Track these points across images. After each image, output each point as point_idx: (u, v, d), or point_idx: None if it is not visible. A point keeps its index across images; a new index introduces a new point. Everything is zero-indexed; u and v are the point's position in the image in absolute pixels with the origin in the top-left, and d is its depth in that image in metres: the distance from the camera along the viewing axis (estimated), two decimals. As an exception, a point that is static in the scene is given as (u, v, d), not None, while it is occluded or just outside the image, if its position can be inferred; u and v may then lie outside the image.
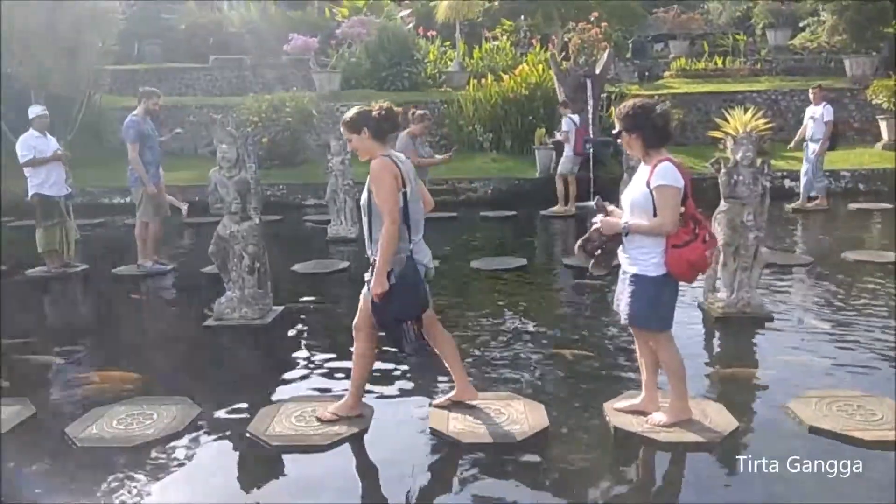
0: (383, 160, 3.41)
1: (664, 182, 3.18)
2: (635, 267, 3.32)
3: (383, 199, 3.32)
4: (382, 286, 3.31)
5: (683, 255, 3.19)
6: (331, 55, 16.62)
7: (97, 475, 3.25)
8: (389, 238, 3.30)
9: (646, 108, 3.28)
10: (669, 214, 3.18)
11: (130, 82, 17.57)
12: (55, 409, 4.09)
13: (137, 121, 6.96)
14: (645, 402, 3.60)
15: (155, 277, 7.25)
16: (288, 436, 3.49)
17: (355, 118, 3.47)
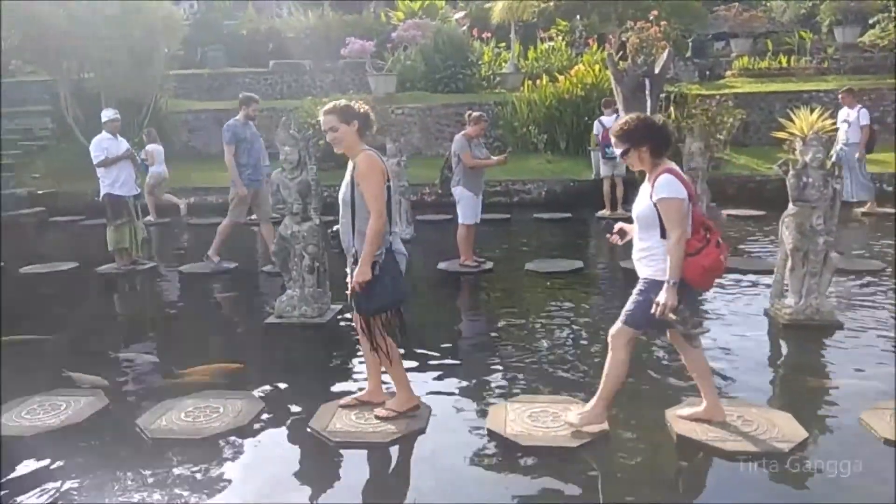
0: (371, 155, 3.50)
1: (667, 195, 3.16)
2: (648, 270, 3.31)
3: (372, 194, 3.42)
4: (365, 276, 3.41)
5: (698, 262, 3.16)
6: (386, 58, 16.82)
7: (165, 467, 3.37)
8: (377, 231, 3.40)
9: (647, 121, 3.30)
10: (679, 225, 3.14)
11: (194, 87, 18.23)
12: (129, 399, 4.25)
13: (236, 125, 7.16)
14: (707, 410, 3.51)
15: (218, 275, 7.47)
16: (348, 432, 3.55)
17: (347, 109, 3.51)
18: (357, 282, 3.43)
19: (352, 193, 3.51)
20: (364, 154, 3.50)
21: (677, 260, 3.13)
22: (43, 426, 3.72)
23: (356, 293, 3.47)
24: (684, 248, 3.15)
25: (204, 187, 12.82)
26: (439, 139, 15.10)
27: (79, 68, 14.93)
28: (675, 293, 3.14)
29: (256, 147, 7.34)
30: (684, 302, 3.20)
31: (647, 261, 3.31)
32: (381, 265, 3.47)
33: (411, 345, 5.00)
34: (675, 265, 3.14)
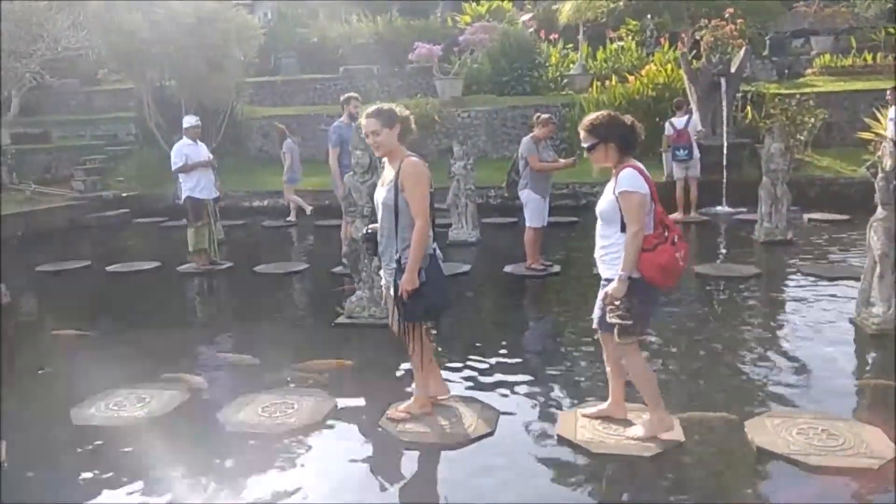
0: (418, 162, 3.50)
1: (628, 188, 3.18)
2: (611, 271, 3.29)
3: (419, 200, 3.42)
4: (413, 283, 3.40)
5: (653, 259, 3.16)
6: (453, 62, 16.90)
7: (241, 460, 3.49)
8: (423, 237, 3.40)
9: (616, 118, 3.32)
10: (636, 219, 3.15)
11: (268, 93, 18.81)
12: (212, 394, 4.42)
13: (341, 126, 7.25)
14: (612, 408, 3.56)
15: (292, 276, 7.66)
16: (418, 432, 3.58)
17: (393, 112, 3.51)
18: (405, 289, 3.42)
19: (395, 198, 3.47)
20: (411, 160, 3.49)
21: (632, 253, 3.15)
22: (129, 417, 3.92)
23: (404, 300, 3.45)
24: (640, 243, 3.15)
25: (277, 191, 13.22)
26: (505, 142, 15.06)
27: (160, 76, 15.65)
28: (624, 285, 3.16)
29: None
30: (638, 296, 3.18)
31: (609, 259, 3.30)
32: (427, 271, 3.47)
33: (481, 348, 5.03)
34: (629, 258, 3.16)
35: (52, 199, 12.81)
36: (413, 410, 3.73)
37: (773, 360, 4.57)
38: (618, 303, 3.18)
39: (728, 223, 10.06)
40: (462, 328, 5.84)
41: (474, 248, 8.74)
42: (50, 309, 7.01)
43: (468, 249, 8.67)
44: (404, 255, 3.47)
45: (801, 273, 6.87)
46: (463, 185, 9.08)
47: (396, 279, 3.48)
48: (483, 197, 11.19)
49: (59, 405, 4.13)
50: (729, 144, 11.09)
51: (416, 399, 3.78)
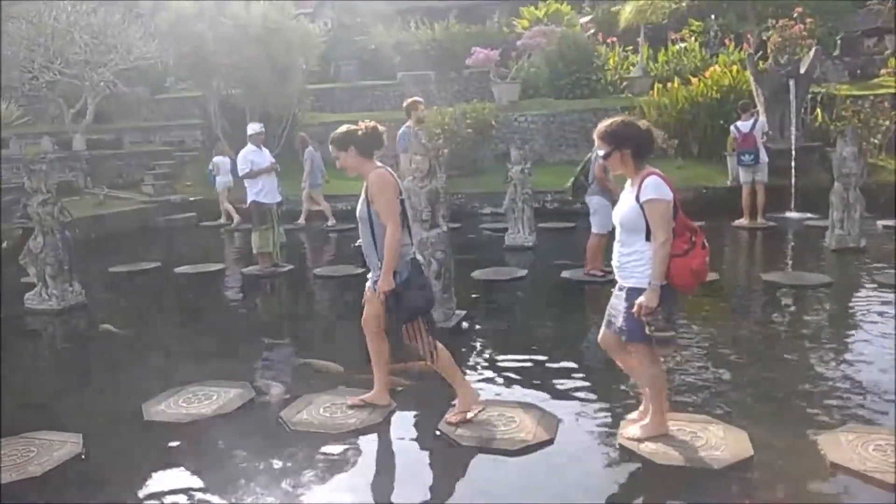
0: (381, 173, 3.69)
1: (655, 196, 3.14)
2: (632, 279, 3.25)
3: (385, 208, 3.60)
4: (389, 285, 3.60)
5: (686, 263, 3.15)
6: (510, 66, 16.87)
7: (302, 458, 3.56)
8: (395, 241, 3.58)
9: (631, 124, 3.29)
10: (664, 227, 3.13)
11: (328, 100, 19.18)
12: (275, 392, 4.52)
13: (409, 132, 7.34)
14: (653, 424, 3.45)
15: (350, 279, 7.77)
16: (477, 437, 3.57)
17: (342, 137, 3.72)
18: (382, 291, 3.60)
19: (368, 210, 3.68)
20: (375, 172, 3.68)
21: (661, 262, 3.12)
22: (197, 414, 4.05)
23: (388, 304, 3.65)
24: (669, 251, 3.12)
25: (335, 195, 13.45)
26: (563, 146, 14.93)
27: (226, 85, 16.16)
28: (656, 295, 3.13)
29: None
30: (664, 304, 3.15)
31: (632, 267, 3.26)
32: (408, 276, 3.63)
33: (539, 354, 4.99)
34: (659, 268, 3.13)
35: (124, 202, 13.38)
36: (464, 408, 3.77)
37: (847, 374, 4.38)
38: (655, 314, 3.14)
39: (797, 229, 9.69)
40: (520, 333, 5.81)
41: (531, 253, 8.68)
42: (123, 308, 7.30)
43: (525, 254, 8.62)
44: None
45: (874, 282, 6.56)
46: (520, 189, 9.03)
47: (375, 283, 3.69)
48: (540, 201, 11.11)
49: (131, 400, 4.29)
50: (798, 148, 10.71)
51: (462, 398, 3.81)
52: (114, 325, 6.12)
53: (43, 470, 3.42)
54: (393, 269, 3.61)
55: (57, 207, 6.68)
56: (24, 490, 3.29)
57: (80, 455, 3.59)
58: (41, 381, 5.14)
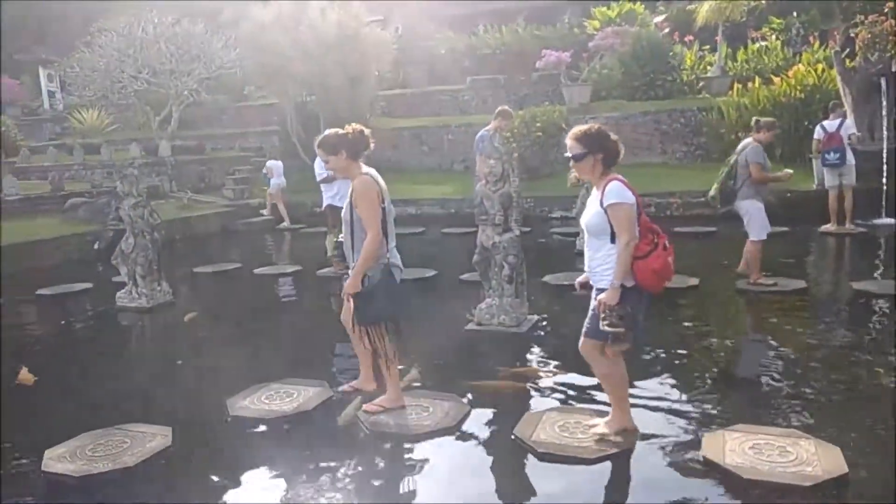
0: (365, 179, 3.81)
1: (617, 200, 3.26)
2: (603, 282, 3.37)
3: (367, 214, 3.73)
4: (355, 287, 3.75)
5: (648, 265, 3.26)
6: (581, 68, 16.66)
7: (378, 459, 3.61)
8: (373, 247, 3.72)
9: (604, 130, 3.40)
10: (627, 230, 3.25)
11: (399, 105, 19.46)
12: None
13: (487, 136, 7.34)
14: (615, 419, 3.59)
15: (421, 281, 7.85)
16: (552, 444, 3.53)
17: (332, 140, 3.85)
18: (347, 292, 3.78)
19: (350, 213, 3.81)
20: (360, 178, 3.80)
21: (624, 263, 3.24)
22: (278, 411, 4.18)
23: (355, 305, 3.80)
24: (632, 252, 3.24)
25: (404, 199, 13.62)
26: (636, 148, 14.59)
27: (302, 92, 16.64)
28: (617, 294, 3.25)
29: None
30: (629, 304, 3.28)
31: (602, 270, 3.38)
32: (378, 280, 3.76)
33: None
34: (622, 267, 3.25)
35: (206, 206, 13.96)
36: (387, 404, 3.99)
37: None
38: (611, 311, 3.27)
39: (888, 236, 9.14)
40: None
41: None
42: (206, 307, 7.60)
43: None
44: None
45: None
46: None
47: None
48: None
49: (216, 395, 4.47)
50: (890, 150, 10.09)
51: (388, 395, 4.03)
52: (197, 322, 6.39)
53: (136, 461, 3.59)
54: (363, 272, 3.75)
55: (147, 210, 7.04)
56: (119, 479, 3.47)
57: (169, 447, 3.76)
58: (133, 375, 5.43)
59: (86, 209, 11.44)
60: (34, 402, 4.65)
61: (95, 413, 4.33)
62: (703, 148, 13.99)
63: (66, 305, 7.74)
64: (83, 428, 3.97)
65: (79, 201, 11.73)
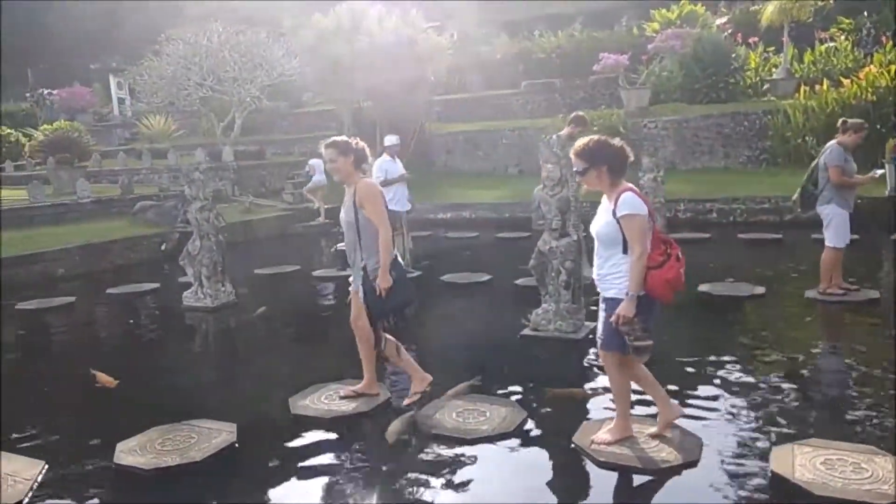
0: (370, 182, 4.15)
1: (630, 211, 3.28)
2: (611, 291, 3.42)
3: (379, 213, 4.02)
4: (388, 281, 3.98)
5: (661, 275, 3.29)
6: (640, 71, 16.39)
7: (435, 460, 3.63)
8: (388, 243, 4.00)
9: (606, 142, 3.39)
10: (640, 241, 3.27)
11: (454, 110, 19.57)
12: (406, 394, 4.64)
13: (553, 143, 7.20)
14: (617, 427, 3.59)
15: (477, 286, 7.85)
16: (612, 453, 3.47)
17: (348, 143, 4.09)
18: (383, 287, 3.98)
19: (355, 216, 4.05)
20: (365, 182, 4.09)
21: (638, 274, 3.26)
22: (338, 411, 4.24)
23: (373, 299, 4.03)
24: (645, 263, 3.25)
25: (459, 203, 13.69)
26: (696, 153, 14.29)
27: (358, 98, 16.91)
28: (633, 305, 3.27)
29: None
30: (642, 314, 3.30)
31: (612, 279, 3.42)
32: (395, 272, 4.03)
33: (681, 373, 4.79)
34: (636, 279, 3.27)
35: (266, 209, 14.32)
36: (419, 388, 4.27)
37: None
38: (632, 324, 3.29)
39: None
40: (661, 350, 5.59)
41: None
42: (268, 308, 7.78)
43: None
44: (369, 263, 4.06)
45: None
46: (651, 198, 8.73)
47: (364, 283, 4.08)
48: (672, 211, 10.69)
49: (277, 393, 4.58)
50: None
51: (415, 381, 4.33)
52: (260, 323, 6.56)
53: (203, 455, 3.71)
54: (388, 267, 3.99)
55: (213, 213, 7.27)
56: (186, 473, 3.58)
57: (234, 444, 3.87)
58: (199, 372, 5.61)
59: (154, 212, 11.90)
60: (105, 397, 4.85)
61: (163, 408, 4.49)
62: (768, 152, 13.56)
63: (135, 304, 8.06)
64: (152, 422, 4.12)
65: (147, 204, 12.21)
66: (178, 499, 3.41)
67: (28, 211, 11.44)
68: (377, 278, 4.02)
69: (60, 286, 9.08)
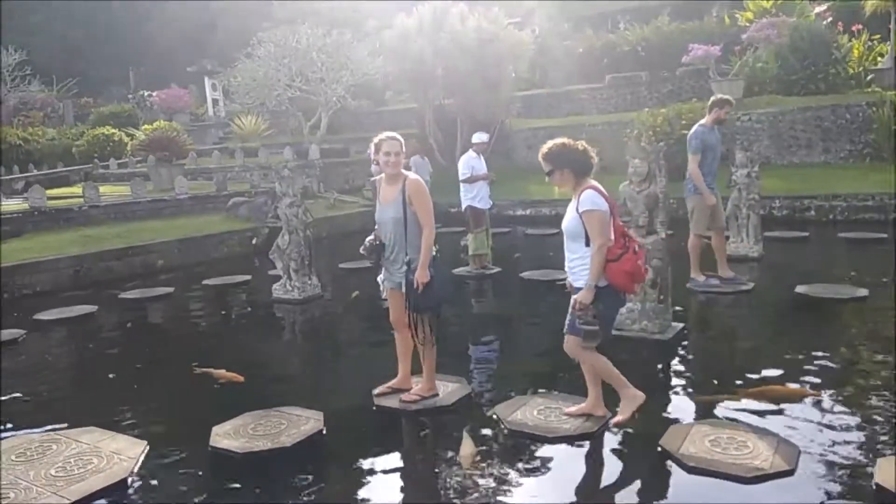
0: (419, 179, 4.19)
1: (590, 207, 3.57)
2: (579, 282, 3.68)
3: (427, 210, 4.09)
4: (426, 277, 4.02)
5: (620, 267, 3.57)
6: (732, 62, 15.70)
7: (515, 458, 3.62)
8: (432, 240, 4.08)
9: (568, 146, 3.67)
10: (600, 234, 3.55)
11: (534, 105, 19.39)
12: (489, 391, 4.67)
13: (703, 130, 6.75)
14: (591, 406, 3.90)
15: (555, 283, 7.75)
16: (703, 459, 3.35)
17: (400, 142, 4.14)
18: (421, 282, 4.01)
19: (404, 212, 4.08)
20: (412, 177, 4.14)
21: (598, 265, 3.56)
22: (420, 404, 4.29)
23: (416, 295, 4.04)
24: (605, 255, 3.54)
25: (539, 200, 13.56)
26: (793, 147, 13.57)
27: (440, 95, 17.03)
28: (591, 293, 3.57)
29: (717, 154, 6.85)
30: (603, 303, 3.61)
31: (578, 270, 3.70)
32: (434, 269, 4.09)
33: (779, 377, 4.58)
34: (595, 269, 3.56)
35: (350, 206, 14.67)
36: (424, 393, 4.30)
37: None
38: (585, 310, 3.57)
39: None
40: (744, 352, 5.37)
41: (756, 265, 7.98)
42: (352, 300, 7.99)
43: (749, 265, 7.94)
44: (414, 260, 4.06)
45: None
46: (745, 194, 8.35)
47: (409, 278, 4.06)
48: (766, 208, 10.19)
49: (361, 384, 4.69)
50: None
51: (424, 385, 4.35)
52: (346, 315, 6.73)
53: (292, 441, 3.85)
54: (428, 263, 4.04)
55: (302, 209, 7.52)
56: (276, 458, 3.72)
57: (320, 431, 3.99)
58: (287, 361, 5.83)
59: (246, 207, 12.42)
60: (202, 382, 5.11)
61: (255, 394, 4.69)
62: (871, 146, 12.70)
63: (228, 295, 8.45)
64: (244, 408, 4.31)
65: (239, 200, 12.76)
66: (269, 482, 3.55)
67: (130, 206, 12.19)
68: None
69: (160, 277, 9.64)
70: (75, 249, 9.61)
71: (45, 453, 3.84)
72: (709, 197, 6.71)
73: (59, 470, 3.62)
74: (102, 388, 5.27)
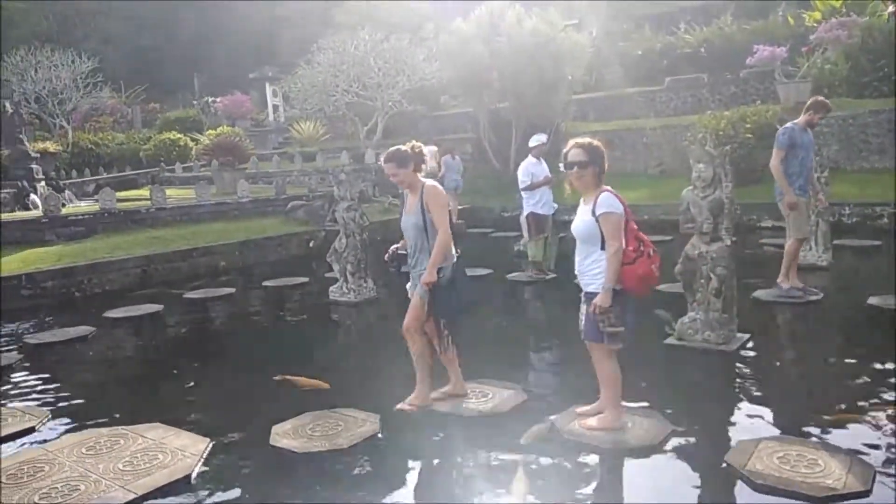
0: (436, 185, 4.19)
1: (608, 210, 3.55)
2: (592, 285, 3.66)
3: (442, 216, 4.08)
4: (432, 277, 4.02)
5: (634, 270, 3.54)
6: (800, 64, 15.15)
7: (573, 469, 3.55)
8: (446, 243, 4.08)
9: (601, 145, 3.68)
10: (616, 237, 3.53)
11: (591, 108, 19.13)
12: (546, 399, 4.61)
13: (794, 128, 6.65)
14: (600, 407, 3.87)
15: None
16: (771, 476, 3.22)
17: (404, 154, 4.14)
18: (425, 282, 4.02)
19: (423, 219, 4.10)
20: (429, 184, 4.15)
21: (614, 268, 3.52)
22: (475, 410, 4.29)
23: (438, 302, 4.07)
24: (621, 258, 3.50)
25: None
26: (864, 151, 12.99)
27: (495, 99, 16.99)
28: (608, 296, 3.52)
29: (810, 156, 6.74)
30: (619, 306, 3.56)
31: (592, 274, 3.66)
32: (454, 272, 4.09)
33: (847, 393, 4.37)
34: (612, 272, 3.52)
35: (404, 209, 14.76)
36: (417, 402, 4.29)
37: None
38: (606, 313, 3.53)
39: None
40: (814, 365, 5.15)
41: (826, 274, 7.66)
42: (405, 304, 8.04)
43: (818, 275, 7.62)
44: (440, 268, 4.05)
45: None
46: (813, 200, 8.00)
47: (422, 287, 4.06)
48: (836, 215, 9.77)
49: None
50: None
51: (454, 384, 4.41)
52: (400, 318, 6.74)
53: (349, 443, 3.89)
54: (437, 266, 4.04)
55: (359, 213, 7.62)
56: (332, 459, 3.77)
57: (377, 434, 4.02)
58: (344, 363, 5.89)
59: (304, 211, 12.67)
60: (262, 381, 5.22)
61: (313, 395, 4.76)
62: (952, 151, 12.04)
63: (286, 297, 8.62)
64: (303, 408, 4.38)
65: (298, 204, 13.02)
66: (327, 482, 3.59)
67: (195, 209, 12.59)
68: (443, 277, 4.08)
69: (222, 278, 9.92)
70: (143, 250, 9.99)
71: (113, 448, 3.98)
72: (790, 195, 6.48)
73: (126, 464, 3.75)
74: (167, 385, 5.44)
